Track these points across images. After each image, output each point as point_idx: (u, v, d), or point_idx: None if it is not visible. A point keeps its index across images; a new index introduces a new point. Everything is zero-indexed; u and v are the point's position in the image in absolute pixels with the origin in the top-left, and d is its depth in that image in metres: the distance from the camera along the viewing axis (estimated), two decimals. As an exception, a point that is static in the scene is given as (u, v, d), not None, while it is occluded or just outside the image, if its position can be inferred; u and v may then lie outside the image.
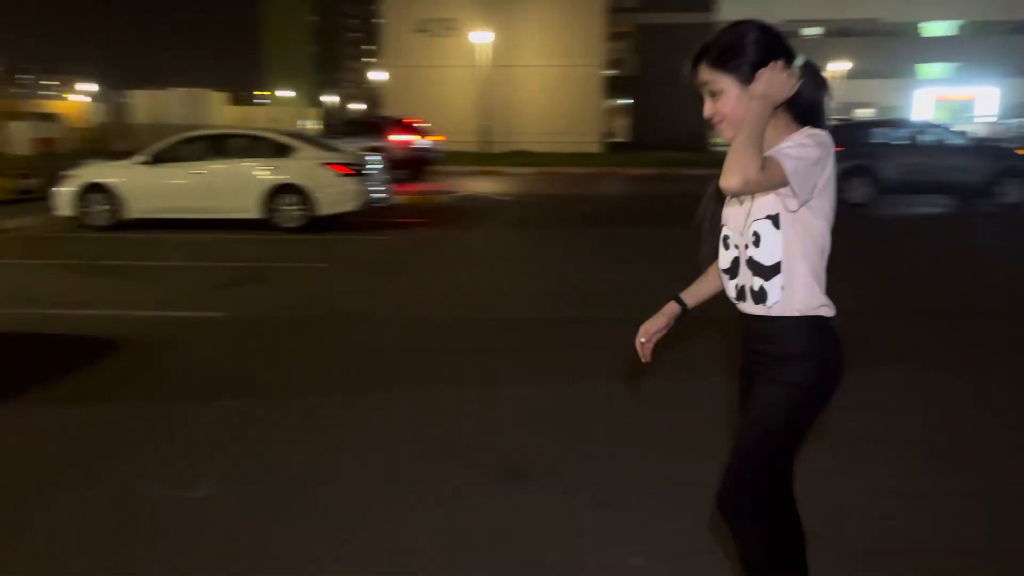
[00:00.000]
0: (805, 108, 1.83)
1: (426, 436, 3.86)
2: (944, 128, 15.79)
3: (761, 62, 1.76)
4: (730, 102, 1.82)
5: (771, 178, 1.68)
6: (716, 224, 2.00)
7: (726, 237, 1.94)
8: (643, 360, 2.17)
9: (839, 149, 9.59)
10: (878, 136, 14.58)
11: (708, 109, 1.87)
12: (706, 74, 1.83)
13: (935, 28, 60.34)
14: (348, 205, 10.92)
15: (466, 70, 30.35)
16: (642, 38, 36.83)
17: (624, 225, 12.36)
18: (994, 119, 43.86)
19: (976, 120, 43.84)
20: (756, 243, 1.83)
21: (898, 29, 59.25)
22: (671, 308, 2.16)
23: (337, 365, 5.06)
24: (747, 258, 1.87)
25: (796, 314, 1.83)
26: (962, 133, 18.58)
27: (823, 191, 1.77)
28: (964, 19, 59.36)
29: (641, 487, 3.29)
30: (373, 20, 54.21)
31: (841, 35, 58.23)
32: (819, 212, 1.80)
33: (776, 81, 1.75)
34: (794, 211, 1.78)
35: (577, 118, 31.01)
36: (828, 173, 1.76)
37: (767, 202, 1.80)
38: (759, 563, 1.94)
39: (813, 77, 1.83)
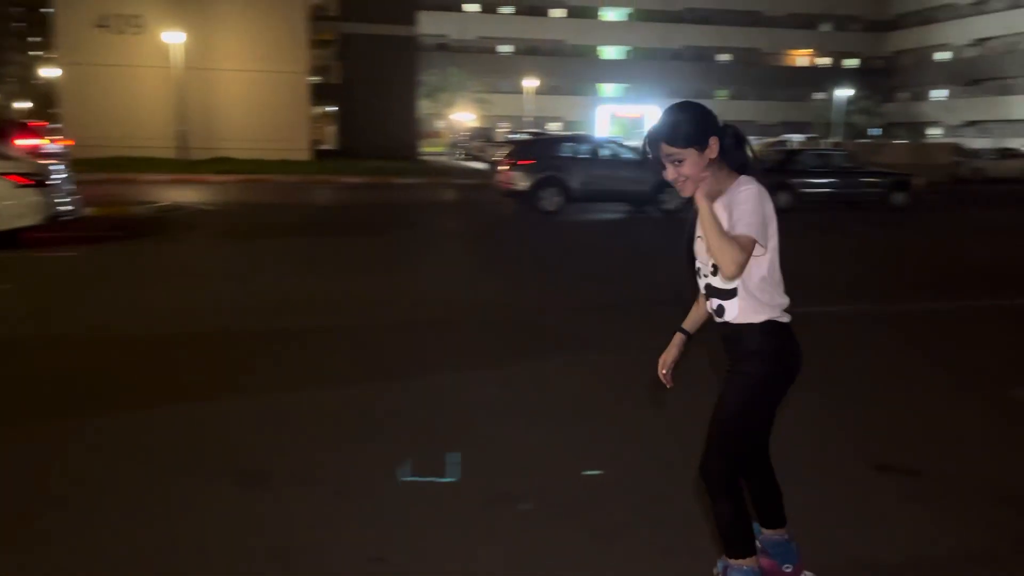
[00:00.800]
0: (733, 158, 2.33)
1: (152, 452, 3.78)
2: (619, 143, 17.94)
3: (706, 132, 2.27)
4: (690, 166, 2.29)
5: (749, 250, 2.20)
6: (692, 259, 2.51)
7: (698, 268, 2.49)
8: (668, 387, 2.68)
9: (532, 162, 10.87)
10: (566, 150, 16.21)
11: (672, 173, 2.32)
12: (669, 149, 2.29)
13: (610, 52, 67.56)
14: (28, 219, 9.82)
15: (158, 71, 28.21)
16: (344, 47, 36.95)
17: (339, 234, 12.48)
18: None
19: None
20: (715, 273, 2.37)
21: (580, 51, 65.46)
22: (678, 338, 2.69)
23: (37, 392, 4.68)
24: (709, 284, 2.42)
25: (753, 322, 2.36)
26: (638, 148, 21.16)
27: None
28: (632, 45, 67.24)
29: (375, 480, 3.56)
30: (41, 9, 48.13)
31: (530, 54, 63.00)
32: (768, 242, 2.32)
33: (709, 187, 2.27)
34: (763, 254, 2.30)
35: (284, 125, 30.27)
36: (770, 212, 2.28)
37: None
38: (722, 522, 2.45)
39: (735, 136, 2.34)
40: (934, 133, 62.99)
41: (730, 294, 2.37)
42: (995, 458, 3.87)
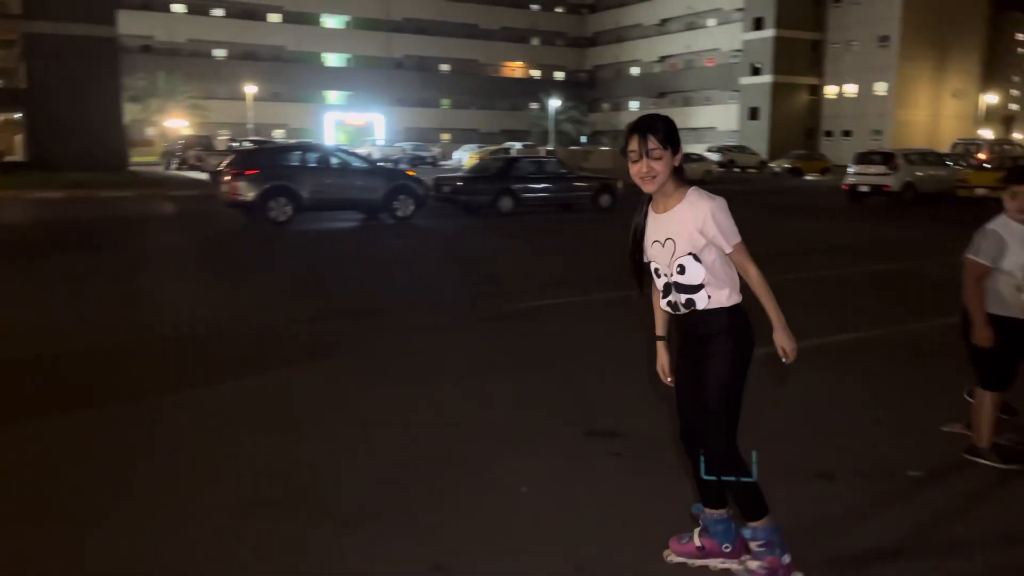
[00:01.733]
0: (680, 173, 2.67)
1: None
2: (348, 151, 18.01)
3: (678, 142, 2.63)
4: (662, 165, 2.59)
5: (745, 251, 2.64)
6: (640, 260, 2.78)
7: (656, 269, 2.74)
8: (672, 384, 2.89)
9: (257, 171, 10.75)
10: (294, 158, 15.95)
11: (644, 167, 2.60)
12: (654, 143, 2.58)
13: (333, 59, 66.90)
14: None
15: None
16: (30, 47, 33.01)
17: (41, 255, 11.28)
18: (383, 142, 50.68)
19: (374, 143, 50.10)
20: (681, 272, 2.66)
21: (302, 57, 64.08)
22: (661, 345, 2.94)
23: None
24: (675, 282, 2.69)
25: (724, 306, 2.66)
26: (368, 156, 21.32)
27: None
28: (354, 53, 67.15)
29: (106, 501, 3.48)
30: None
31: (248, 59, 60.54)
32: None
33: None
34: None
35: (-43, 135, 26.40)
36: (728, 212, 2.61)
37: (687, 244, 2.62)
38: (748, 500, 2.72)
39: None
40: (632, 140, 70.07)
41: (698, 288, 2.66)
42: (670, 413, 4.63)
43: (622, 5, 75.80)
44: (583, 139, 64.84)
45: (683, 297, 2.69)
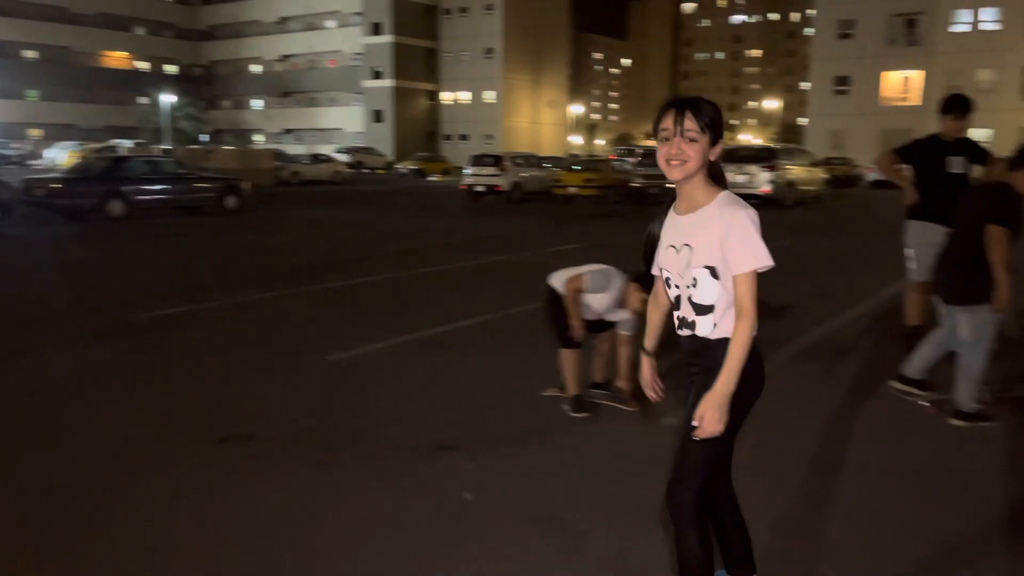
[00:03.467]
0: (716, 172, 2.27)
1: None
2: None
3: (721, 130, 2.22)
4: (697, 150, 2.18)
5: (752, 284, 2.17)
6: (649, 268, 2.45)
7: (668, 279, 2.35)
8: (659, 398, 2.53)
9: None
10: None
11: (674, 149, 2.18)
12: (691, 124, 2.17)
13: None
14: None
15: None
16: None
17: None
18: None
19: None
20: (694, 286, 2.25)
21: None
22: (645, 358, 2.55)
23: None
24: (687, 296, 2.29)
25: (723, 336, 2.24)
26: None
27: None
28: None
29: None
30: None
31: None
32: None
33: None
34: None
35: None
36: (759, 228, 2.20)
37: (705, 255, 2.21)
38: (687, 555, 2.29)
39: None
40: (258, 140, 68.15)
41: (707, 309, 2.25)
42: (307, 410, 4.72)
43: (237, -1, 73.01)
44: (204, 138, 61.19)
45: (691, 316, 2.31)
